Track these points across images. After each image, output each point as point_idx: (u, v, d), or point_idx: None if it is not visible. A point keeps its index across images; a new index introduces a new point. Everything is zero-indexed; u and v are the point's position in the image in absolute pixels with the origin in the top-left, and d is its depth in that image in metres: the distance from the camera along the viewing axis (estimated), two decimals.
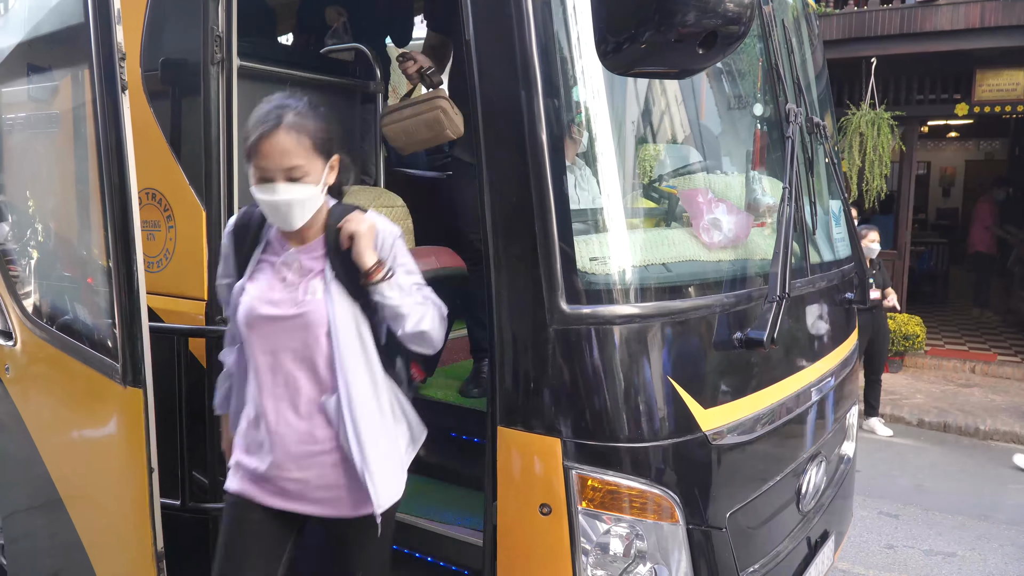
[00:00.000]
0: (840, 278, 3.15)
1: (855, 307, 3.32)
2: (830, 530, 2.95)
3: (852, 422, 3.36)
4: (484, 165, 2.03)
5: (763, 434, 2.35)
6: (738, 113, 2.81)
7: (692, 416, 2.09)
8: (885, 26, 8.68)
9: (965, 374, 9.35)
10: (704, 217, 2.39)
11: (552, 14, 1.99)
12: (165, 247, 2.65)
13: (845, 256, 3.34)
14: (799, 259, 2.64)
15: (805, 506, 2.70)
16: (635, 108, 2.34)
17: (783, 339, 2.32)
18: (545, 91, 1.95)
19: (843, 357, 3.08)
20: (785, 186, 2.34)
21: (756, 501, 2.34)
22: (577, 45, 2.02)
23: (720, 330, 2.22)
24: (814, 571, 2.75)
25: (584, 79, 2.06)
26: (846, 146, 8.82)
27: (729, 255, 2.47)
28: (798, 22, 3.25)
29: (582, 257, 2.00)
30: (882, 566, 4.73)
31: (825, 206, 3.24)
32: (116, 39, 2.19)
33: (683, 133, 2.60)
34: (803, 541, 2.70)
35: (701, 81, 2.55)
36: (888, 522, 5.38)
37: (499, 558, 2.13)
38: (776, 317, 2.18)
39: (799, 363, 2.65)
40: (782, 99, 2.65)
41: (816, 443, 2.76)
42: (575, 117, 2.10)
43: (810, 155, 2.90)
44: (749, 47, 2.69)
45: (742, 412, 2.27)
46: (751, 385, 2.36)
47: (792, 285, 2.30)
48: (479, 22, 2.02)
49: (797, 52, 2.99)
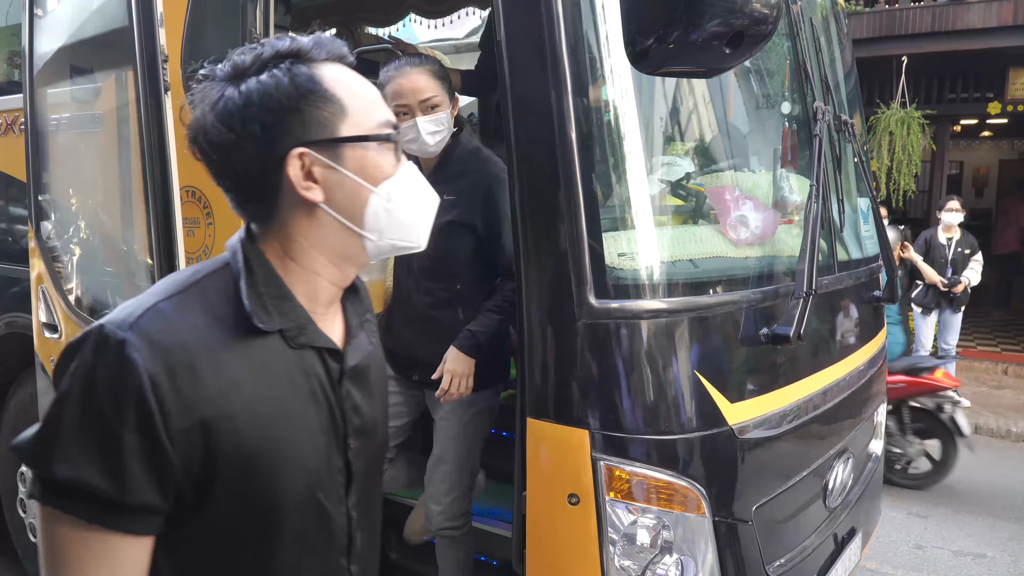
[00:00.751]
0: (868, 276, 3.16)
1: (883, 305, 3.32)
2: (857, 527, 2.96)
3: (880, 420, 3.36)
4: (515, 163, 2.08)
5: (789, 429, 2.38)
6: (766, 111, 2.83)
7: (719, 410, 2.12)
8: (916, 24, 8.61)
9: (997, 375, 9.23)
10: (731, 214, 2.41)
11: (581, 15, 2.03)
12: (204, 243, 2.73)
13: (873, 254, 3.34)
14: (826, 256, 2.66)
15: (832, 502, 2.71)
16: (663, 106, 2.37)
17: (809, 336, 2.35)
18: (575, 90, 1.99)
19: (871, 355, 3.08)
20: (812, 183, 2.36)
21: (782, 496, 2.36)
22: (606, 45, 2.06)
23: (747, 326, 2.25)
24: (841, 568, 2.76)
25: (613, 78, 2.09)
26: (875, 145, 8.76)
27: (756, 252, 2.49)
28: (827, 20, 3.26)
29: (610, 253, 2.04)
30: (910, 566, 4.71)
31: (853, 204, 3.24)
32: (159, 42, 2.27)
33: (711, 131, 2.63)
34: (830, 537, 2.71)
35: (729, 80, 2.58)
36: (917, 522, 5.34)
37: (528, 548, 2.17)
38: (803, 313, 2.21)
39: (826, 360, 2.67)
40: (810, 97, 2.66)
41: (843, 440, 2.78)
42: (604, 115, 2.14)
43: (838, 153, 2.91)
44: (777, 45, 2.71)
45: (768, 407, 2.30)
46: (778, 381, 2.38)
47: (819, 282, 2.32)
48: (510, 22, 2.06)
49: (825, 50, 3.00)
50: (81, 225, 3.02)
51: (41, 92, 3.08)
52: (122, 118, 2.73)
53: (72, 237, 3.06)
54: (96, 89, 2.96)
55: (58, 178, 3.08)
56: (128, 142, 2.64)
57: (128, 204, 2.72)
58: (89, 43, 2.93)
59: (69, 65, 3.09)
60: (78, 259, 3.01)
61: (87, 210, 3.00)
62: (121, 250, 2.81)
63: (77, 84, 3.07)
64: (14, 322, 3.60)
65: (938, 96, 9.52)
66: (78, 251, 3.00)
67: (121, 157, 2.77)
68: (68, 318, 2.98)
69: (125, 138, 2.72)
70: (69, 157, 3.07)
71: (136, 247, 2.63)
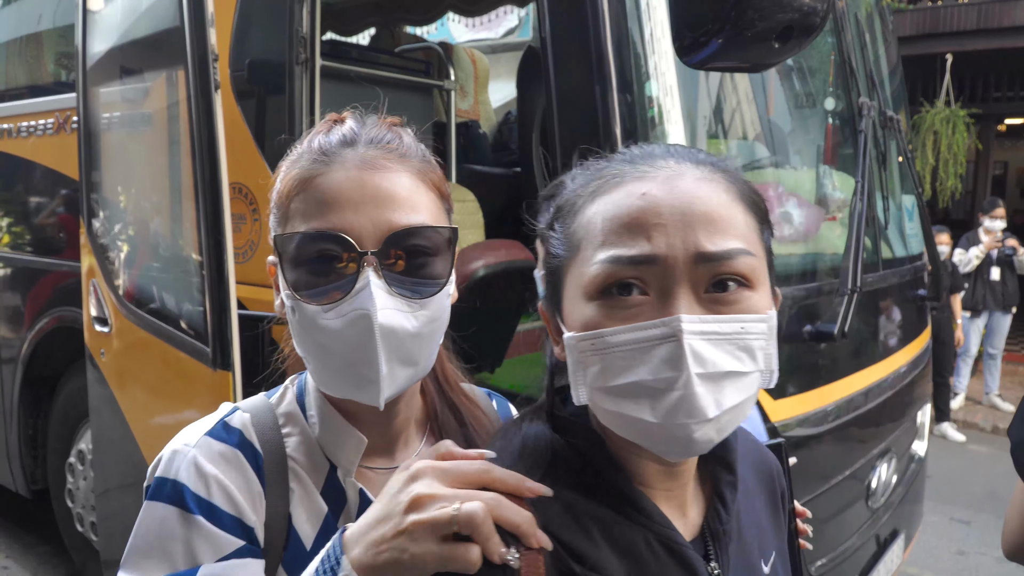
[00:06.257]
0: (912, 274, 3.12)
1: (928, 304, 3.28)
2: (899, 529, 2.92)
3: (924, 421, 3.31)
4: (559, 158, 2.09)
5: (831, 428, 2.36)
6: (810, 108, 2.81)
7: (761, 407, 2.11)
8: (961, 22, 8.46)
9: None
10: (775, 211, 2.41)
11: (626, 10, 2.04)
12: (250, 239, 2.78)
13: (918, 252, 3.30)
14: (871, 254, 2.63)
15: (874, 503, 2.69)
16: (707, 102, 2.37)
17: (852, 334, 2.33)
18: (619, 86, 2.00)
19: (915, 354, 3.05)
20: (857, 180, 2.35)
21: (824, 494, 2.35)
22: (651, 40, 2.07)
23: (790, 323, 2.24)
24: (883, 569, 2.73)
25: (658, 74, 2.10)
26: (919, 144, 8.62)
27: (799, 248, 2.48)
28: (871, 17, 3.23)
29: None
30: (952, 572, 4.63)
31: (898, 201, 3.20)
32: (209, 41, 2.31)
33: (754, 128, 2.62)
34: (872, 538, 2.69)
35: (772, 76, 2.57)
36: (960, 528, 5.25)
37: None
38: (847, 311, 2.19)
39: (869, 358, 2.64)
40: (855, 94, 2.64)
41: (885, 440, 2.75)
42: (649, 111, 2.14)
43: (883, 150, 2.88)
44: (821, 42, 2.69)
45: (811, 405, 2.28)
46: (820, 379, 2.37)
47: (863, 279, 2.30)
48: (555, 19, 2.08)
49: (870, 47, 2.97)
50: (130, 221, 3.09)
51: (93, 91, 3.15)
52: (172, 116, 2.79)
53: (122, 233, 3.13)
54: (146, 88, 3.03)
55: (108, 175, 3.16)
56: (178, 140, 2.70)
57: (177, 200, 2.78)
58: (140, 43, 3.00)
59: (120, 65, 3.16)
60: (127, 254, 3.08)
61: (137, 206, 3.07)
62: (169, 245, 2.87)
63: (128, 83, 3.15)
64: (64, 316, 3.70)
65: (983, 95, 9.34)
66: (127, 247, 3.08)
67: (171, 154, 2.83)
68: (118, 311, 3.05)
69: (175, 136, 2.77)
70: (119, 155, 3.14)
71: (184, 242, 2.69)
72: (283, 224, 1.02)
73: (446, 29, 8.31)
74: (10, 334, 4.04)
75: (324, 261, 0.96)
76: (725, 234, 0.76)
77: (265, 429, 1.06)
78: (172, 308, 2.81)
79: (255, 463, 1.02)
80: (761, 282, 0.79)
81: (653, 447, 0.79)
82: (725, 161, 0.86)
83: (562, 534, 0.80)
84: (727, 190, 0.80)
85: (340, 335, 0.95)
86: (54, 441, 3.99)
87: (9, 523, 4.68)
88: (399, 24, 5.54)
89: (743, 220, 0.79)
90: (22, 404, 3.99)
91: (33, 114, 3.82)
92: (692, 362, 0.73)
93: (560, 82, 2.07)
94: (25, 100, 3.98)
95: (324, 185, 0.98)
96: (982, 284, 7.53)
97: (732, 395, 0.76)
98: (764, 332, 0.78)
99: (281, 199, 1.03)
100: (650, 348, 0.75)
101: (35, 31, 4.08)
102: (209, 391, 2.51)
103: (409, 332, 0.97)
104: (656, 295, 0.76)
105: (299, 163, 1.02)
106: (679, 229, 0.75)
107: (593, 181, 0.84)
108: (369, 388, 0.97)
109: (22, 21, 4.16)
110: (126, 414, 3.03)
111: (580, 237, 0.81)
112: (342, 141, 1.01)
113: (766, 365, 0.79)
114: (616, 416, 0.79)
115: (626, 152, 0.86)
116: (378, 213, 0.96)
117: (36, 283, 3.94)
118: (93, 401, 3.29)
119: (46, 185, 3.82)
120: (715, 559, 0.86)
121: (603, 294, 0.77)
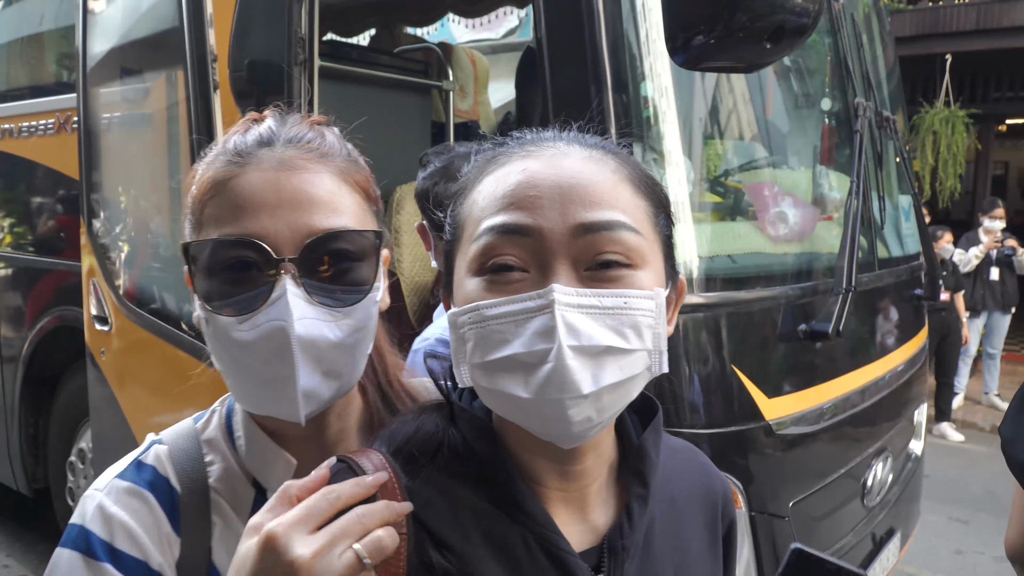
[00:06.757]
0: (909, 274, 3.13)
1: (924, 304, 3.29)
2: (896, 528, 2.93)
3: (920, 420, 3.32)
4: None
5: (827, 426, 2.37)
6: (806, 108, 2.82)
7: (756, 405, 2.13)
8: (961, 22, 8.47)
9: None
10: (770, 210, 2.42)
11: (621, 11, 2.05)
12: None
13: (914, 252, 3.31)
14: (866, 253, 2.64)
15: (870, 501, 2.70)
16: (702, 103, 2.38)
17: (848, 333, 2.34)
18: (615, 86, 2.01)
19: (911, 353, 3.06)
20: (853, 180, 2.36)
21: (819, 492, 2.36)
22: (646, 41, 2.08)
23: (785, 321, 2.26)
24: (879, 567, 2.74)
25: (653, 74, 2.11)
26: (919, 145, 8.63)
27: (795, 248, 2.49)
28: (868, 17, 3.24)
29: None
30: (950, 571, 4.64)
31: (895, 202, 3.22)
32: (209, 42, 2.33)
33: (750, 128, 2.63)
34: (868, 536, 2.70)
35: (769, 76, 2.58)
36: (958, 527, 5.26)
37: None
38: (842, 309, 2.21)
39: (865, 357, 2.66)
40: (851, 94, 2.65)
41: (881, 439, 2.76)
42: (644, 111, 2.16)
43: (879, 150, 2.89)
44: (818, 42, 2.71)
45: (806, 403, 2.30)
46: (816, 377, 2.38)
47: (859, 279, 2.32)
48: (551, 19, 2.09)
49: (867, 47, 2.99)
50: (130, 221, 3.11)
51: (93, 91, 3.17)
52: (171, 117, 2.81)
53: (122, 232, 3.15)
54: (146, 88, 3.05)
55: (109, 175, 3.17)
56: (177, 140, 2.71)
57: (176, 200, 2.80)
58: (140, 43, 3.02)
59: (120, 65, 3.18)
60: (127, 254, 3.10)
61: (137, 206, 3.09)
62: (169, 245, 2.89)
63: (128, 84, 3.17)
64: (64, 316, 3.72)
65: (983, 95, 9.35)
66: (127, 246, 3.09)
67: (170, 154, 2.85)
68: (118, 311, 3.07)
69: (175, 136, 2.79)
70: (119, 155, 3.16)
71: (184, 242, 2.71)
72: (197, 230, 0.95)
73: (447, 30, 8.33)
74: (11, 333, 4.06)
75: (238, 269, 0.90)
76: (604, 207, 0.75)
77: (185, 461, 0.99)
78: (172, 307, 2.83)
79: (169, 501, 0.96)
80: (648, 262, 0.78)
81: (530, 427, 0.77)
82: (619, 148, 0.85)
83: (433, 523, 0.79)
84: (614, 171, 0.79)
85: (255, 348, 0.89)
86: (55, 440, 4.01)
87: (10, 521, 4.70)
88: (399, 25, 5.56)
89: (629, 199, 0.78)
90: (23, 403, 4.02)
91: (34, 114, 3.84)
92: (564, 334, 0.71)
93: (556, 83, 2.08)
94: (26, 100, 4.00)
95: (238, 188, 0.91)
96: (981, 284, 7.54)
97: (612, 372, 0.73)
98: (652, 310, 0.76)
99: (195, 204, 0.96)
100: (525, 320, 0.73)
101: (36, 32, 4.10)
102: (209, 390, 2.53)
103: (331, 343, 0.91)
104: (536, 271, 0.75)
105: (213, 165, 0.95)
106: (557, 202, 0.75)
107: (482, 164, 0.84)
108: (288, 404, 0.91)
109: (23, 22, 4.18)
110: (126, 413, 3.05)
111: (464, 217, 0.81)
112: (259, 141, 0.95)
113: (655, 345, 0.77)
114: (493, 394, 0.77)
115: (520, 136, 0.86)
116: (296, 217, 0.91)
117: (37, 283, 3.96)
118: (94, 400, 3.31)
119: (47, 185, 3.84)
120: (606, 572, 0.82)
121: (486, 271, 0.76)
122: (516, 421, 0.78)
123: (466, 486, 0.82)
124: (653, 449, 0.88)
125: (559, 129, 0.87)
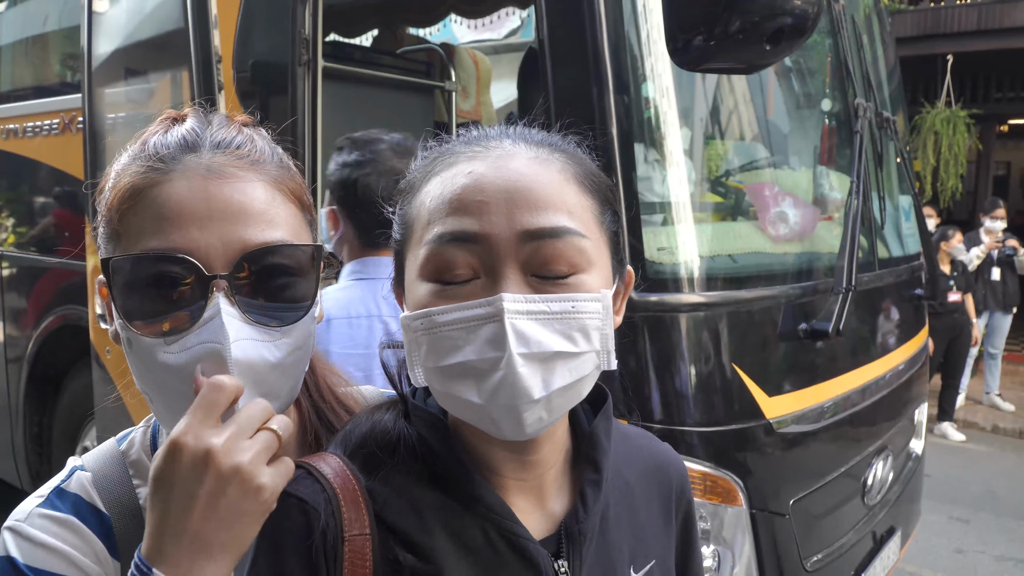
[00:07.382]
0: (908, 273, 3.14)
1: (925, 303, 3.31)
2: (896, 526, 2.95)
3: (921, 420, 3.34)
4: None
5: (827, 425, 2.39)
6: (807, 109, 2.84)
7: (756, 403, 2.14)
8: (962, 22, 8.48)
9: None
10: (770, 210, 2.43)
11: (623, 12, 2.07)
12: None
13: (914, 252, 3.33)
14: (866, 253, 2.66)
15: (871, 500, 2.71)
16: (703, 104, 2.40)
17: (849, 332, 2.35)
18: (616, 87, 2.03)
19: (912, 353, 3.07)
20: (853, 180, 2.38)
21: (820, 490, 2.37)
22: (647, 42, 2.10)
23: (785, 320, 2.27)
24: (879, 566, 2.75)
25: (654, 75, 2.13)
26: (920, 145, 8.64)
27: (795, 248, 2.51)
28: (869, 18, 3.26)
29: (649, 247, 2.08)
30: (951, 570, 4.65)
31: (895, 202, 3.23)
32: (213, 43, 2.35)
33: (751, 129, 2.65)
34: (868, 535, 2.71)
35: (770, 77, 2.60)
36: (958, 527, 5.27)
37: None
38: (842, 309, 2.22)
39: (865, 356, 2.67)
40: (851, 95, 2.67)
41: (882, 438, 2.77)
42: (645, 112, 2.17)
43: (879, 151, 2.90)
44: (818, 43, 2.72)
45: (806, 402, 2.31)
46: (816, 376, 2.40)
47: (859, 278, 2.33)
48: (553, 20, 2.11)
49: (868, 48, 3.00)
50: None
51: (98, 92, 3.19)
52: None
53: None
54: (151, 89, 3.07)
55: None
56: None
57: None
58: (145, 44, 3.03)
59: (125, 66, 3.20)
60: None
61: None
62: None
63: (132, 84, 3.18)
64: (69, 315, 3.73)
65: (984, 95, 9.36)
66: None
67: None
68: None
69: None
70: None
71: None
72: (113, 242, 0.87)
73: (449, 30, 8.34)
74: (16, 332, 4.08)
75: (164, 285, 0.82)
76: (550, 212, 0.75)
77: (112, 486, 0.93)
78: None
79: (100, 527, 0.90)
80: (594, 264, 0.78)
81: (484, 427, 0.78)
82: (567, 143, 0.85)
83: (395, 521, 0.80)
84: (561, 170, 0.79)
85: (186, 372, 0.81)
86: (59, 438, 4.02)
87: None
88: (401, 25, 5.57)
89: (575, 200, 0.78)
90: (28, 402, 4.03)
91: (39, 114, 3.85)
92: (514, 342, 0.72)
93: (558, 83, 2.10)
94: (31, 100, 4.02)
95: (162, 197, 0.83)
96: (983, 284, 7.55)
97: (563, 375, 0.75)
98: (599, 312, 0.77)
99: (111, 212, 0.87)
100: (476, 328, 0.74)
101: (41, 32, 4.11)
102: None
103: (270, 364, 0.85)
104: (485, 276, 0.75)
105: (130, 169, 0.87)
106: (503, 207, 0.75)
107: (429, 163, 0.84)
108: None
109: (28, 22, 4.20)
110: (131, 411, 3.07)
111: (412, 218, 0.81)
112: (182, 145, 0.87)
113: (602, 345, 0.78)
114: (448, 397, 0.78)
115: (465, 134, 0.86)
116: (228, 230, 0.83)
117: (41, 282, 3.98)
118: (98, 399, 3.32)
119: (51, 184, 3.86)
120: (565, 557, 0.83)
121: (435, 275, 0.77)
122: (470, 422, 0.80)
123: (424, 482, 0.83)
124: (604, 436, 0.90)
125: (505, 125, 0.87)
